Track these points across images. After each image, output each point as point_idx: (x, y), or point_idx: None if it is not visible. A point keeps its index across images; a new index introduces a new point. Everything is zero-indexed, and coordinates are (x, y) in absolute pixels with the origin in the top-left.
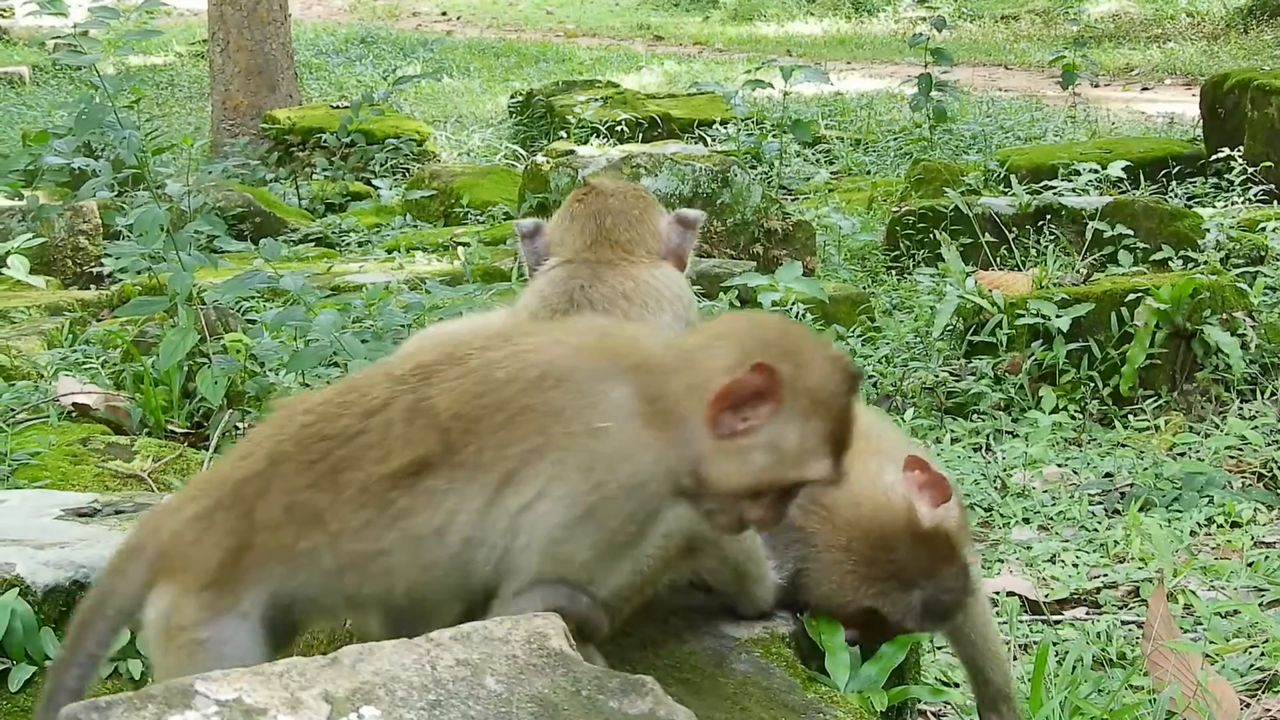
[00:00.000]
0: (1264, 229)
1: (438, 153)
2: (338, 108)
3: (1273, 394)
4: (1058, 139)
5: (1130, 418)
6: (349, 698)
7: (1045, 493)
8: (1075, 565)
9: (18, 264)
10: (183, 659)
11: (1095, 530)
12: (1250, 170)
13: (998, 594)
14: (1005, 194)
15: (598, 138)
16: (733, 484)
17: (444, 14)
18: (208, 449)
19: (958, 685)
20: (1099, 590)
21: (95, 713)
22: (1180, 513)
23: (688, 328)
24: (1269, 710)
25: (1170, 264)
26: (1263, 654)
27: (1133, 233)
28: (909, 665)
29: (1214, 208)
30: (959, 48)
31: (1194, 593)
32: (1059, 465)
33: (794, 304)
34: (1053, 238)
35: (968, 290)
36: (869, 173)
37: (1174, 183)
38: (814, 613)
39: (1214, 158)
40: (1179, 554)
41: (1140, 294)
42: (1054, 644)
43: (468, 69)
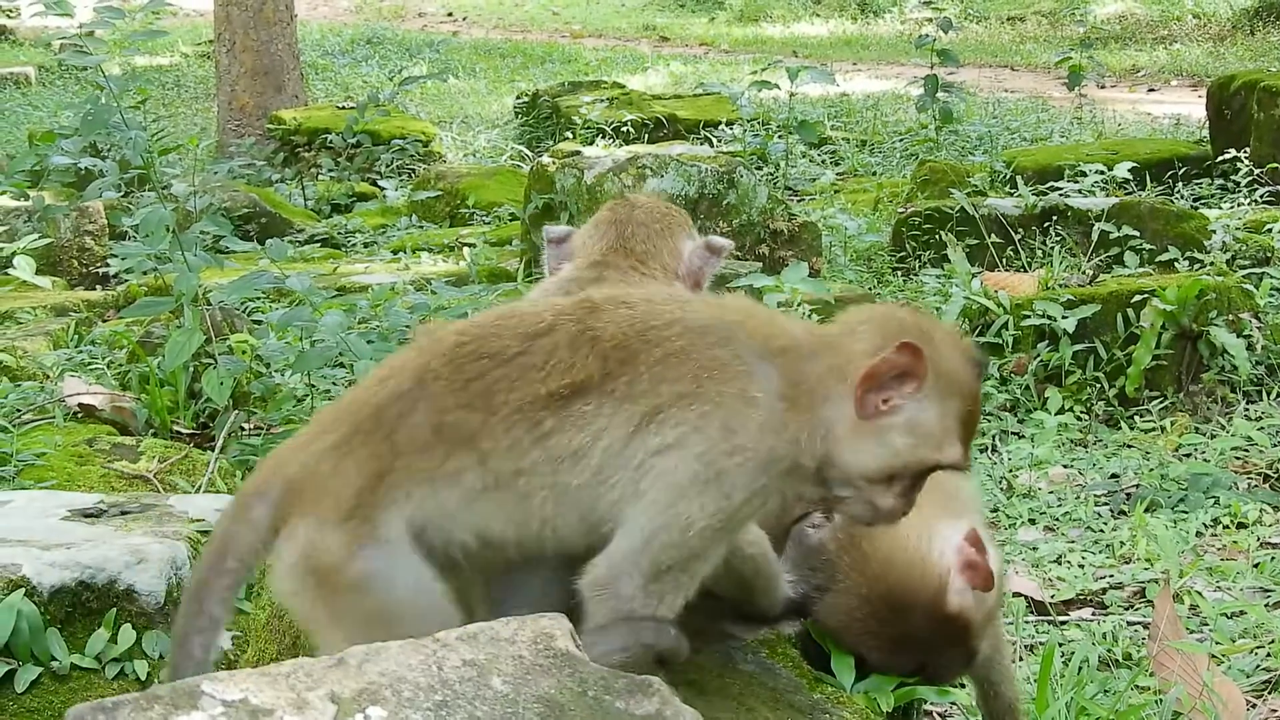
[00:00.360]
0: (1270, 230)
1: (443, 153)
2: (344, 108)
3: (1279, 395)
4: (1064, 140)
5: (1136, 419)
6: (355, 698)
7: (1051, 493)
8: (1081, 566)
9: (23, 264)
10: (347, 602)
11: (1101, 531)
12: (1256, 171)
13: (1004, 595)
14: (1011, 195)
15: (603, 138)
16: (870, 466)
17: (450, 15)
18: (213, 450)
19: (963, 686)
20: (1105, 591)
21: (102, 713)
22: (1186, 514)
23: None
24: (1275, 711)
25: (1176, 265)
26: (1269, 654)
27: (1139, 234)
28: None
29: (1220, 209)
30: (965, 49)
31: (1200, 593)
32: (1065, 466)
33: (800, 305)
34: (1059, 239)
35: (973, 291)
36: (875, 174)
37: (1180, 184)
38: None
39: (1220, 159)
40: (1185, 555)
41: (1146, 295)
42: (1060, 645)
43: (474, 70)
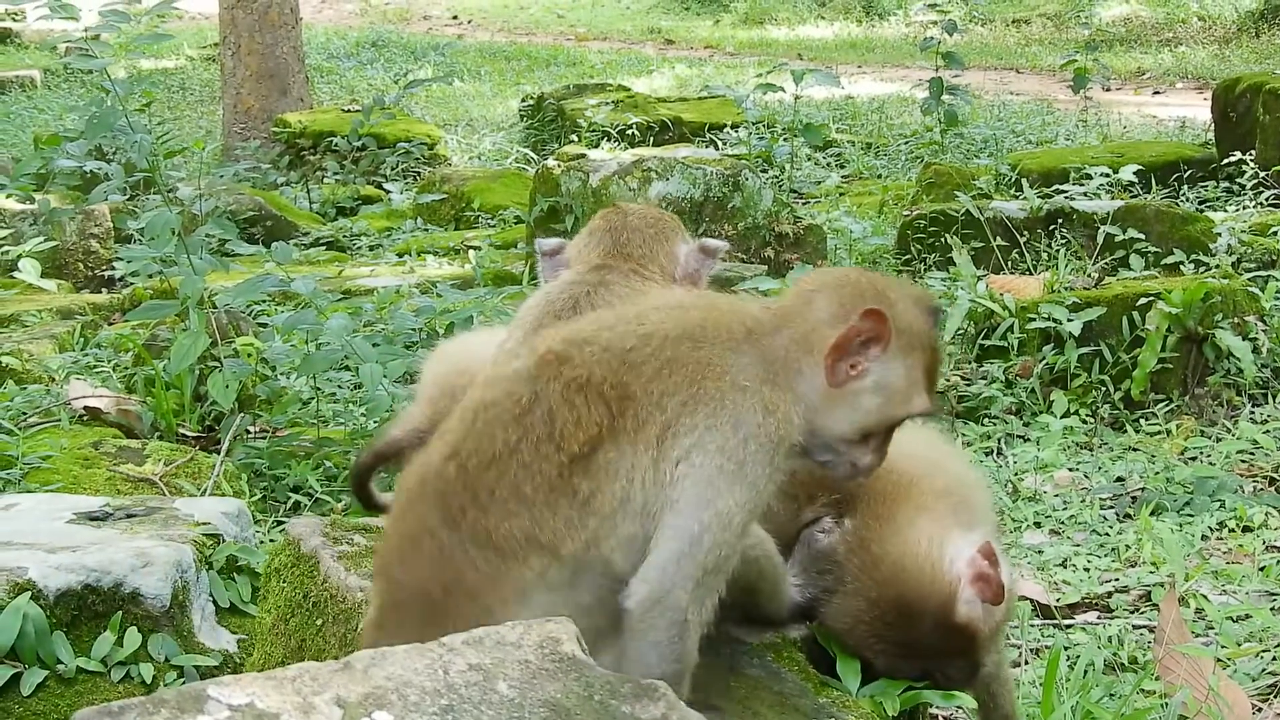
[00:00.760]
0: (1276, 233)
1: (449, 156)
2: (349, 111)
3: None
4: (1069, 143)
5: (1142, 422)
6: (361, 702)
7: (1056, 497)
8: (1087, 570)
9: (29, 267)
10: None
11: (1107, 535)
12: (1262, 174)
13: (1012, 609)
14: (1016, 198)
15: (609, 141)
16: (846, 429)
17: (455, 18)
18: (219, 453)
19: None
20: (1110, 595)
21: (108, 717)
22: (1192, 517)
23: None
24: None
25: (1182, 268)
26: (1275, 658)
27: (1144, 237)
28: None
29: (1226, 212)
30: (970, 51)
31: (1205, 597)
32: (1070, 469)
33: None
34: (1064, 242)
35: (979, 294)
36: (880, 176)
37: (1185, 187)
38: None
39: (1226, 161)
40: (1190, 558)
41: (1152, 298)
42: (1065, 648)
43: (479, 73)
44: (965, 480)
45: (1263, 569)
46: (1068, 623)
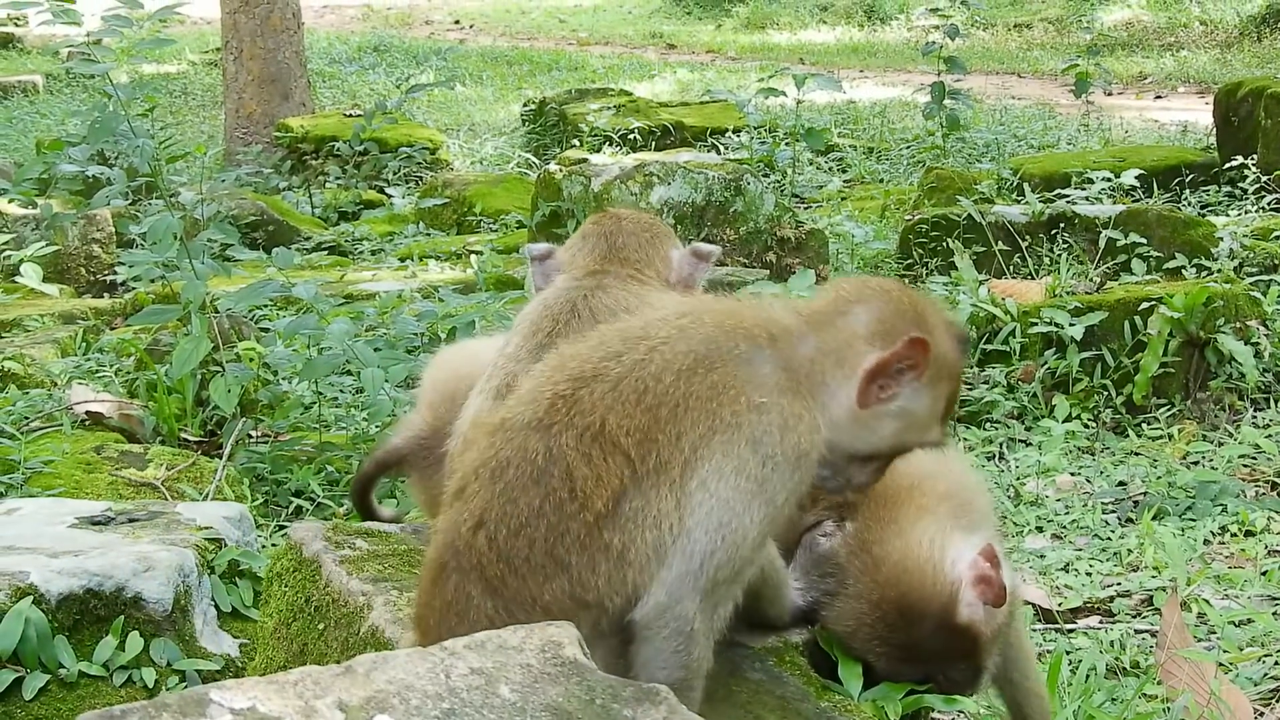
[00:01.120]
0: (1278, 237)
1: (450, 161)
2: (351, 116)
3: None
4: (1071, 147)
5: (1144, 426)
6: (363, 706)
7: (1058, 501)
8: (1089, 574)
9: (31, 272)
10: None
11: (1109, 539)
12: (1264, 178)
13: (1014, 611)
14: (1018, 202)
15: (610, 146)
16: (859, 449)
17: (456, 22)
18: (221, 457)
19: (971, 694)
20: (1112, 599)
21: None
22: (1194, 521)
23: None
24: None
25: (1184, 272)
26: (1276, 663)
27: (1146, 241)
28: None
29: (1227, 216)
30: (972, 56)
31: (1207, 601)
32: (1072, 474)
33: None
34: (1066, 246)
35: (981, 298)
36: (882, 181)
37: (1187, 191)
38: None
39: (1227, 166)
40: (1192, 563)
41: (1153, 302)
42: (1067, 653)
43: (480, 77)
44: (967, 483)
45: (1265, 573)
46: (1070, 627)
